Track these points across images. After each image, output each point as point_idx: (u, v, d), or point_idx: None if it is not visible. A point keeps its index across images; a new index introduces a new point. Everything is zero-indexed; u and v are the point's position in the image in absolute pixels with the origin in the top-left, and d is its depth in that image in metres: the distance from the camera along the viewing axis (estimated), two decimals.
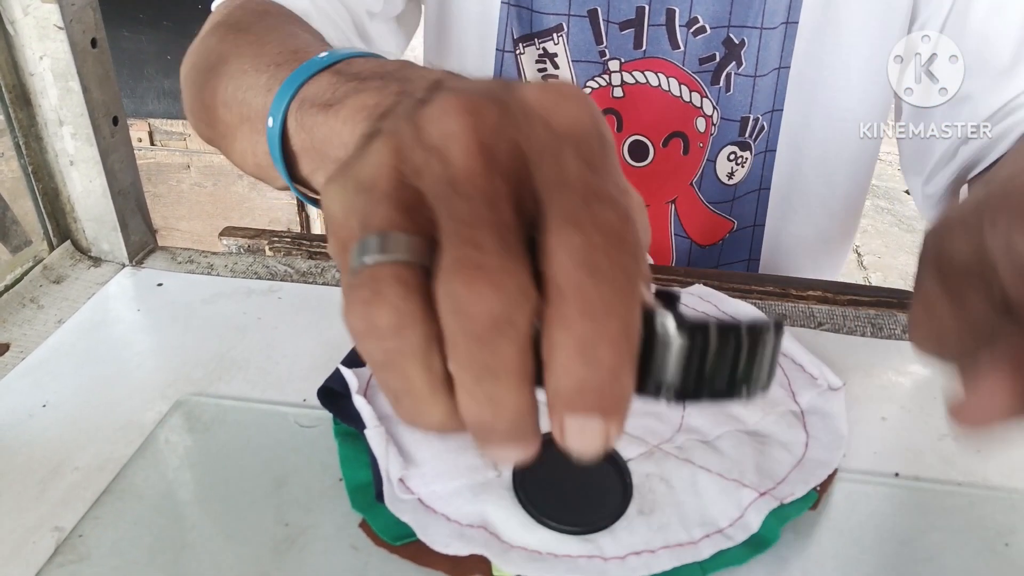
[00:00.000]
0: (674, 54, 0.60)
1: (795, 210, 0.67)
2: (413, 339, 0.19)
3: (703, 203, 0.66)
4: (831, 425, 0.34)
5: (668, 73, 0.61)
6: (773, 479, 0.31)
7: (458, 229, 0.18)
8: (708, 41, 0.60)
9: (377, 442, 0.31)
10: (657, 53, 0.61)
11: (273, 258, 0.50)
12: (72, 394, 0.38)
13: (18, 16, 0.43)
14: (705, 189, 0.65)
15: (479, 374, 0.19)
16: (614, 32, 0.60)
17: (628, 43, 0.60)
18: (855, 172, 0.66)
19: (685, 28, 0.59)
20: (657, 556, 0.28)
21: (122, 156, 0.49)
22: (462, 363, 0.19)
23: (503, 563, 0.28)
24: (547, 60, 0.62)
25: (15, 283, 0.46)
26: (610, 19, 0.59)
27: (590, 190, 0.18)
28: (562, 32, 0.61)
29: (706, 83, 0.61)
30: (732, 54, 0.60)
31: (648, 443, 0.33)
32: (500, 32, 0.61)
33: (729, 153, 0.64)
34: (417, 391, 0.20)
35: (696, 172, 0.65)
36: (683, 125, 0.63)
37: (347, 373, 0.35)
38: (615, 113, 0.64)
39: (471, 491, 0.30)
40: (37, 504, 0.32)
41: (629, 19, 0.59)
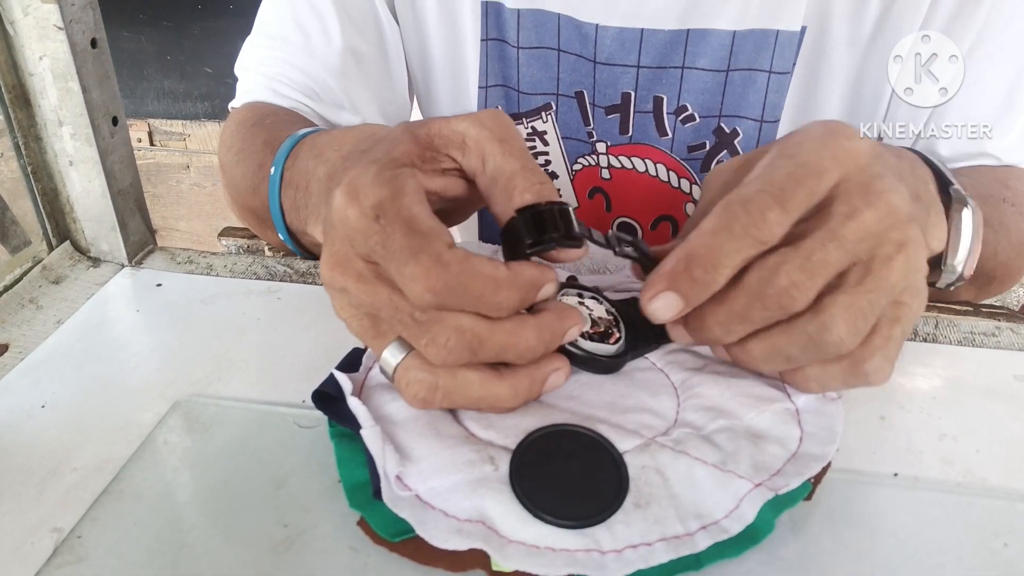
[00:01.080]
0: (662, 141, 0.59)
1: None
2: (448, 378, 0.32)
3: None
4: (826, 423, 0.34)
5: (655, 159, 0.60)
6: (768, 471, 0.31)
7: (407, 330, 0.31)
8: (697, 130, 0.58)
9: (373, 441, 0.31)
10: (644, 139, 0.59)
11: (272, 258, 0.50)
12: (71, 395, 0.38)
13: (18, 16, 0.43)
14: None
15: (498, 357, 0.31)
16: (600, 115, 0.59)
17: (614, 127, 0.59)
18: None
19: (673, 116, 0.57)
20: (653, 549, 0.28)
21: (121, 156, 0.49)
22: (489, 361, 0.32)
23: (502, 558, 0.28)
24: (536, 138, 0.62)
25: (14, 283, 0.46)
26: (596, 103, 0.58)
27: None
28: (550, 111, 0.60)
29: (696, 170, 0.60)
30: (724, 142, 0.58)
31: (643, 436, 0.33)
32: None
33: None
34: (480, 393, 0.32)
35: None
36: (672, 210, 0.62)
37: (341, 377, 0.35)
38: (603, 193, 0.63)
39: (468, 486, 0.30)
40: (36, 505, 0.32)
41: (615, 104, 0.58)
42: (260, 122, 0.54)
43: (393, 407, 0.34)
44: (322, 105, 0.60)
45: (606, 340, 0.36)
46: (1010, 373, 0.39)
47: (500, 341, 0.30)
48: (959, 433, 0.35)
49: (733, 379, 0.36)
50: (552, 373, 0.33)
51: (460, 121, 0.34)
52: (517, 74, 0.59)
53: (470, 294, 0.29)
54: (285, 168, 0.43)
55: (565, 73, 0.58)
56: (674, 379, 0.37)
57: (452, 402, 0.32)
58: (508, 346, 0.31)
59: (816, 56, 0.54)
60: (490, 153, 0.33)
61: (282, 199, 0.43)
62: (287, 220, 0.44)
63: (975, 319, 0.44)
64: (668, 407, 0.35)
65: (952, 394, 0.38)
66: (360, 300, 0.32)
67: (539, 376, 0.33)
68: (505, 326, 0.31)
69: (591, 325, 0.36)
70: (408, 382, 0.32)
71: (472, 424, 0.33)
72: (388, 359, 0.32)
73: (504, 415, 0.34)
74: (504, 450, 0.32)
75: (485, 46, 0.58)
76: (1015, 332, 0.43)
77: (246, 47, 0.63)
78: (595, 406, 0.35)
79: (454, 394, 0.32)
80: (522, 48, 0.57)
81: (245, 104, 0.60)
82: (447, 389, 0.31)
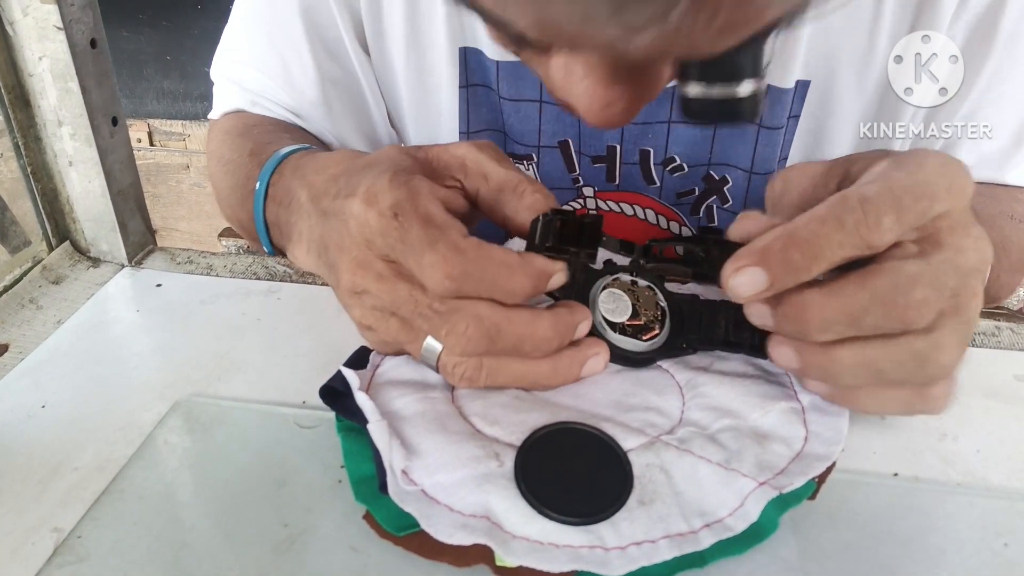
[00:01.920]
0: (650, 189, 0.58)
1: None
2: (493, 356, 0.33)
3: None
4: (831, 422, 0.34)
5: (644, 205, 0.59)
6: (772, 470, 0.31)
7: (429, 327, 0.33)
8: (686, 178, 0.57)
9: (380, 435, 0.31)
10: (631, 187, 0.58)
11: (272, 259, 0.50)
12: (71, 395, 0.38)
13: (17, 17, 0.43)
14: None
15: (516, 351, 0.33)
16: (586, 163, 0.58)
17: (601, 175, 0.58)
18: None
19: (661, 167, 0.57)
20: (657, 546, 0.28)
21: (121, 156, 0.49)
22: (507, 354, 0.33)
23: (506, 553, 0.28)
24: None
25: (14, 284, 0.46)
26: (582, 151, 0.57)
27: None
28: (532, 162, 0.59)
29: (685, 214, 0.59)
30: (713, 189, 0.57)
31: (648, 434, 0.33)
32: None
33: None
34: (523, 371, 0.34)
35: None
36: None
37: (349, 373, 0.35)
38: None
39: (474, 481, 0.30)
40: (36, 505, 0.32)
41: (600, 155, 0.57)
42: (247, 132, 0.54)
43: (400, 403, 0.34)
44: (306, 122, 0.58)
45: (642, 334, 0.37)
46: (1010, 373, 0.39)
47: (517, 331, 0.32)
48: (959, 433, 0.36)
49: (738, 379, 0.36)
50: (592, 356, 0.34)
51: (457, 147, 0.36)
52: (503, 118, 0.57)
53: (486, 279, 0.31)
54: (270, 184, 0.43)
55: (548, 124, 0.57)
56: (679, 378, 0.37)
57: (495, 380, 0.33)
58: (525, 336, 0.32)
59: (822, 107, 0.54)
60: (492, 170, 0.36)
61: (266, 213, 0.43)
62: (271, 234, 0.44)
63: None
64: (673, 406, 0.35)
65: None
66: (381, 300, 0.33)
67: (579, 357, 0.34)
68: (522, 315, 0.32)
69: (631, 316, 0.36)
70: (455, 364, 0.33)
71: (478, 420, 0.33)
72: (432, 345, 0.33)
73: (510, 412, 0.34)
74: (509, 447, 0.32)
75: (466, 92, 0.56)
76: (1015, 332, 0.43)
77: (222, 53, 0.61)
78: (600, 404, 0.35)
79: (498, 372, 0.33)
80: (503, 99, 0.56)
81: (228, 114, 0.59)
82: (491, 367, 0.33)
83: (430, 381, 0.36)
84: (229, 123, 0.57)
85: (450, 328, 0.32)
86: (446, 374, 0.34)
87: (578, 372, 0.35)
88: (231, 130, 0.56)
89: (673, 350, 0.37)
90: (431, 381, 0.36)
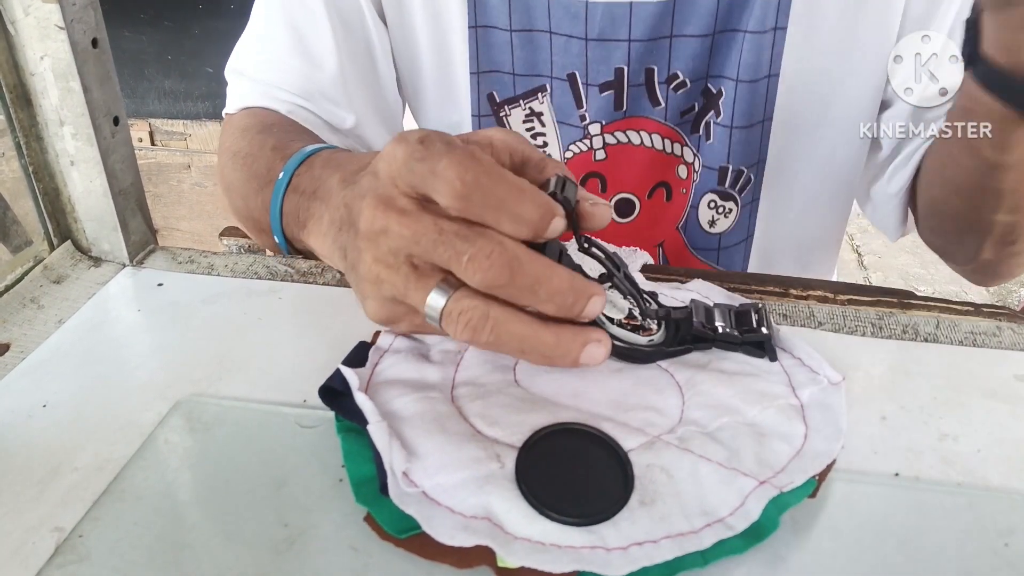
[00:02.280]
0: (655, 111, 0.60)
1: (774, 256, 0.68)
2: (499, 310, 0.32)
3: (688, 248, 0.67)
4: (831, 418, 0.34)
5: (650, 130, 0.61)
6: (772, 468, 0.31)
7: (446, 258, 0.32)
8: (688, 94, 0.59)
9: (380, 437, 0.31)
10: (638, 112, 0.61)
11: (273, 258, 0.50)
12: (72, 394, 0.38)
13: (19, 16, 0.43)
14: (689, 235, 0.66)
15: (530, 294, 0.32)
16: (594, 94, 0.60)
17: (608, 104, 0.60)
18: (836, 221, 0.68)
19: (665, 85, 0.59)
20: (659, 546, 0.28)
21: (123, 156, 0.49)
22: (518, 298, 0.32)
23: (507, 554, 0.28)
24: (534, 119, 0.63)
25: (15, 283, 0.46)
26: (589, 82, 0.59)
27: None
28: (546, 92, 0.61)
29: (686, 132, 0.61)
30: (710, 104, 0.59)
31: (648, 434, 0.33)
32: (472, 100, 0.62)
33: (709, 201, 0.64)
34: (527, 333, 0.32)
35: (681, 217, 0.66)
36: (665, 175, 0.64)
37: (348, 372, 0.35)
38: (599, 176, 0.64)
39: (475, 483, 0.30)
40: (36, 504, 0.32)
41: (608, 80, 0.59)
42: (267, 129, 0.56)
43: (400, 403, 0.34)
44: (319, 104, 0.61)
45: (639, 333, 0.37)
46: (1011, 373, 0.39)
47: (535, 270, 0.31)
48: (960, 433, 0.36)
49: (737, 376, 0.36)
50: (594, 341, 0.33)
51: (485, 132, 0.37)
52: (512, 58, 0.60)
53: (497, 194, 0.31)
54: (295, 175, 0.45)
55: (557, 56, 0.59)
56: (679, 377, 0.37)
57: (498, 337, 0.32)
58: (542, 278, 0.32)
59: (808, 14, 0.56)
60: (517, 148, 0.37)
61: (284, 203, 0.45)
62: (284, 223, 0.46)
63: (976, 319, 0.44)
64: (673, 405, 0.35)
65: (952, 394, 0.38)
66: (401, 238, 0.33)
67: (582, 337, 0.33)
68: (541, 259, 0.32)
69: (627, 316, 0.37)
70: (461, 310, 0.32)
71: (478, 421, 0.33)
72: (436, 298, 0.33)
73: (510, 412, 0.34)
74: (510, 448, 0.32)
75: (474, 33, 0.59)
76: (1016, 332, 0.43)
77: (238, 49, 0.64)
78: (600, 404, 0.35)
79: (501, 328, 0.32)
80: (514, 31, 0.58)
81: (244, 110, 0.60)
82: (496, 319, 0.32)
83: (429, 380, 0.36)
84: (246, 119, 0.59)
85: (476, 251, 0.31)
86: (450, 323, 0.33)
87: (579, 352, 0.33)
88: (249, 126, 0.57)
89: (672, 347, 0.37)
90: (430, 380, 0.36)
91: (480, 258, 0.31)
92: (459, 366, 0.37)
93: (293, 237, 0.47)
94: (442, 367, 0.37)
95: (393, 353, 0.38)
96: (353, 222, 0.36)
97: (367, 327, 0.41)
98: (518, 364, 0.38)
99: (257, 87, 0.61)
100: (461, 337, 0.33)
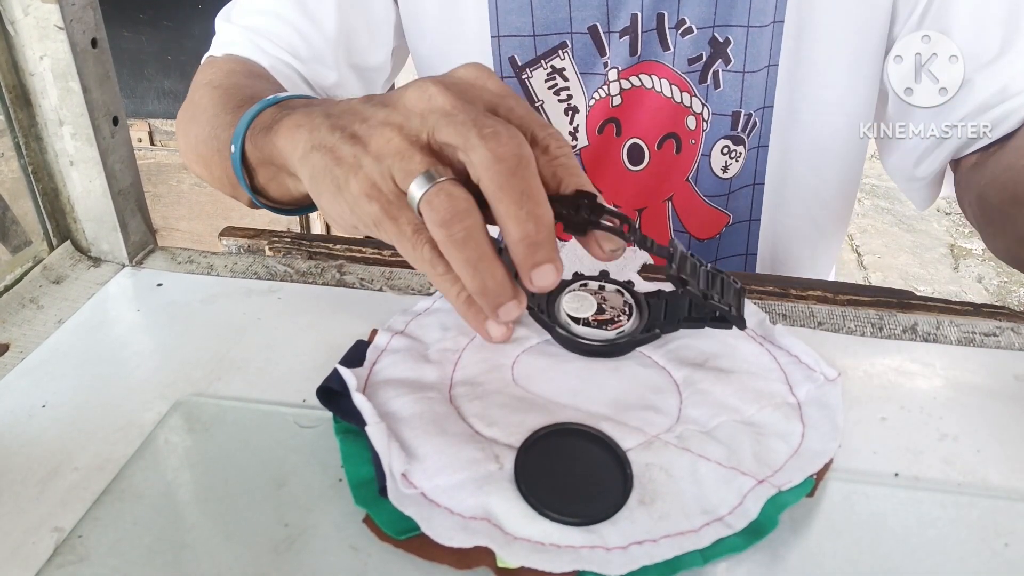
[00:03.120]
0: (664, 55, 0.62)
1: (788, 203, 0.69)
2: (478, 215, 0.33)
3: (700, 197, 0.67)
4: (828, 416, 0.34)
5: (660, 75, 0.63)
6: (771, 467, 0.31)
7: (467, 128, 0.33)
8: (695, 41, 0.61)
9: (378, 438, 0.31)
10: (650, 56, 0.62)
11: (273, 258, 0.50)
12: (72, 394, 0.38)
13: (18, 16, 0.43)
14: (701, 183, 0.66)
15: (519, 198, 0.33)
16: (615, 40, 0.61)
17: (625, 50, 0.62)
18: (846, 165, 0.68)
19: (674, 30, 0.61)
20: (658, 545, 0.28)
21: (122, 156, 0.49)
22: (506, 194, 0.33)
23: (507, 554, 0.28)
24: (556, 76, 0.64)
25: (15, 283, 0.46)
26: (610, 29, 0.61)
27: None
28: (567, 48, 0.62)
29: (695, 82, 0.63)
30: (718, 52, 0.61)
31: (647, 433, 0.33)
32: (495, 64, 0.64)
33: (722, 147, 0.65)
34: (487, 253, 0.33)
35: (691, 168, 0.66)
36: (675, 126, 0.65)
37: (345, 372, 0.35)
38: (615, 121, 0.65)
39: (474, 484, 0.30)
40: (36, 504, 0.32)
41: (626, 27, 0.61)
42: (255, 75, 0.57)
43: (398, 403, 0.34)
44: (306, 64, 0.62)
45: (607, 327, 0.38)
46: (1010, 373, 0.39)
47: (534, 183, 0.33)
48: (959, 433, 0.36)
49: (734, 374, 0.36)
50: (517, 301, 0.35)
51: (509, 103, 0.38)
52: (532, 20, 0.61)
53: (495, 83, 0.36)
54: (286, 99, 0.45)
55: (577, 10, 0.61)
56: (676, 376, 0.37)
57: (468, 237, 0.33)
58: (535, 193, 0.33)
59: None
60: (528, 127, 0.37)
61: (259, 115, 0.44)
62: (247, 134, 0.44)
63: (975, 319, 0.44)
64: (671, 404, 0.35)
65: (952, 394, 0.38)
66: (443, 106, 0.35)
67: (518, 292, 0.35)
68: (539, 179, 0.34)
69: (596, 312, 0.38)
70: (450, 192, 0.33)
71: (476, 421, 0.33)
72: (427, 178, 0.34)
73: (508, 412, 0.34)
74: (509, 448, 0.32)
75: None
76: (1016, 332, 0.43)
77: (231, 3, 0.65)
78: (599, 404, 0.35)
79: (476, 232, 0.33)
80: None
81: (230, 56, 0.61)
82: (477, 222, 0.33)
83: (427, 380, 0.36)
84: (233, 63, 0.59)
85: (500, 129, 0.33)
86: (433, 200, 0.33)
87: (507, 300, 0.35)
88: (235, 70, 0.58)
89: (643, 335, 0.38)
90: (428, 380, 0.36)
91: (503, 135, 0.32)
92: (457, 365, 0.37)
93: (251, 150, 0.44)
94: (440, 366, 0.37)
95: (391, 352, 0.38)
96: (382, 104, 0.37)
97: (366, 327, 0.41)
98: (516, 363, 0.38)
99: (245, 34, 0.61)
100: (437, 216, 0.33)
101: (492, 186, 0.33)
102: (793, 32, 0.60)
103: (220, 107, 0.51)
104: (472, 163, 0.33)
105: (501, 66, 0.63)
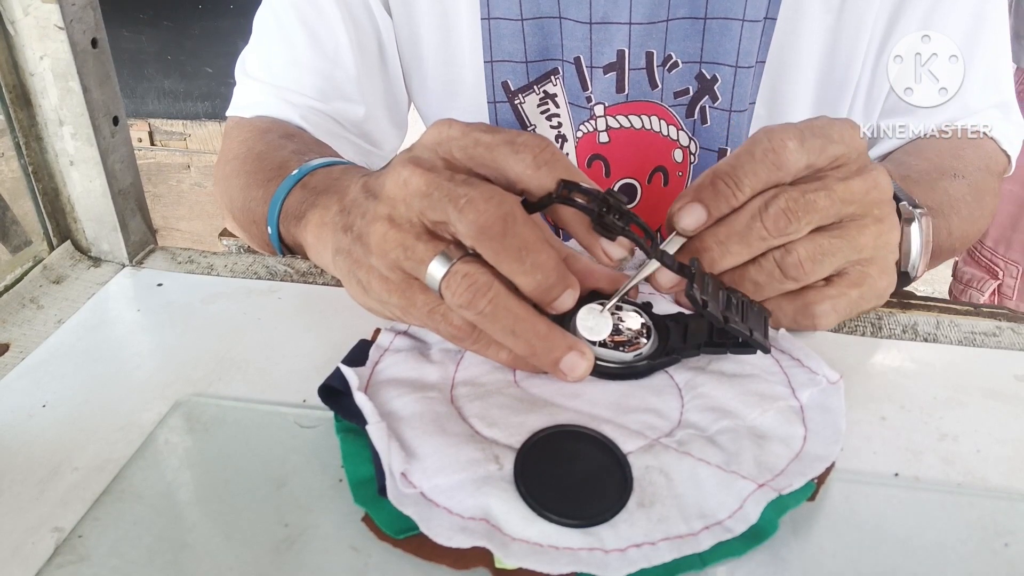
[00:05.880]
0: (653, 93, 0.62)
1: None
2: (498, 284, 0.33)
3: None
4: (830, 420, 0.34)
5: (649, 113, 0.63)
6: (771, 471, 0.31)
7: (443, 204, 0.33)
8: (681, 76, 0.61)
9: (379, 437, 0.31)
10: (639, 96, 0.63)
11: (273, 258, 0.50)
12: (72, 394, 0.38)
13: (18, 16, 0.43)
14: None
15: (517, 255, 0.33)
16: (598, 76, 0.62)
17: (611, 87, 0.62)
18: None
19: (662, 67, 0.61)
20: (657, 548, 0.28)
21: (122, 156, 0.49)
22: (504, 256, 0.33)
23: (505, 555, 0.28)
24: (548, 101, 0.65)
25: (15, 283, 0.46)
26: (593, 64, 0.61)
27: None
28: (558, 75, 0.63)
29: (681, 116, 0.63)
30: (705, 89, 0.61)
31: (647, 437, 0.33)
32: (488, 88, 0.64)
33: None
34: (522, 315, 0.33)
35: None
36: (662, 159, 0.65)
37: (348, 371, 0.35)
38: (602, 159, 0.66)
39: (473, 484, 0.30)
40: (36, 504, 0.32)
41: (611, 62, 0.61)
42: (288, 136, 0.58)
43: (399, 403, 0.34)
44: (332, 103, 0.63)
45: (624, 348, 0.37)
46: (1010, 373, 0.39)
47: (528, 236, 0.33)
48: (959, 433, 0.36)
49: (736, 378, 0.36)
50: (578, 351, 0.34)
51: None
52: (524, 46, 0.62)
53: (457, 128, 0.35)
54: (310, 173, 0.47)
55: (567, 40, 0.61)
56: (678, 380, 0.37)
57: (495, 309, 0.33)
58: (532, 246, 0.33)
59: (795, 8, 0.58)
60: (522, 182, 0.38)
61: (289, 196, 0.47)
62: (280, 217, 0.48)
63: (976, 319, 0.44)
64: (672, 408, 0.35)
65: (952, 394, 0.38)
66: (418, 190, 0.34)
67: (570, 340, 0.34)
68: (536, 229, 0.33)
69: (614, 334, 0.37)
70: (466, 272, 0.33)
71: (477, 422, 0.33)
72: (443, 260, 0.34)
73: (508, 413, 0.34)
74: (509, 449, 0.32)
75: (487, 24, 0.61)
76: (1015, 332, 0.43)
77: (248, 55, 0.65)
78: (600, 406, 0.35)
79: (500, 300, 0.33)
80: (526, 20, 0.60)
81: (261, 116, 0.62)
82: (498, 291, 0.33)
83: (429, 380, 0.36)
84: (266, 123, 0.61)
85: (477, 194, 0.32)
86: (452, 285, 0.33)
87: (563, 353, 0.34)
88: (270, 129, 0.59)
89: (661, 359, 0.37)
90: (430, 380, 0.36)
91: (480, 201, 0.32)
92: (459, 365, 0.37)
93: (285, 233, 0.48)
94: (442, 366, 0.37)
95: (394, 352, 0.38)
96: (372, 195, 0.37)
97: (367, 327, 0.41)
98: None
99: (271, 91, 0.62)
100: (459, 300, 0.33)
101: (488, 254, 0.33)
102: (772, 72, 0.61)
103: (251, 179, 0.54)
104: (462, 235, 0.33)
105: (494, 90, 0.64)
